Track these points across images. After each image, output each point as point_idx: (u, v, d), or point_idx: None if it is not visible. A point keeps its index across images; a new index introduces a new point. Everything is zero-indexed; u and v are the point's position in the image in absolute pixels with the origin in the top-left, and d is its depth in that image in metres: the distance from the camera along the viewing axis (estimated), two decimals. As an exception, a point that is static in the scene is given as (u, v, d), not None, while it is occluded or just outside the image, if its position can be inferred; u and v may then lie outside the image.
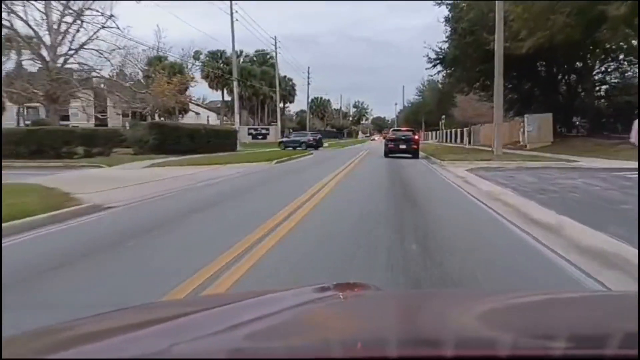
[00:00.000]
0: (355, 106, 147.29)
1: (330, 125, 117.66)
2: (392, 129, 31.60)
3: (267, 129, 56.80)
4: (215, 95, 72.07)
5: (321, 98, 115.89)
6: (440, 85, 79.42)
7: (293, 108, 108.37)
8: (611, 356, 0.76)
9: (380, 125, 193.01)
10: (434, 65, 36.09)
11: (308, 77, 74.45)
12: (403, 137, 25.84)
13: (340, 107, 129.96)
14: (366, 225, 6.47)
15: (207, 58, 52.37)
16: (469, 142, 45.30)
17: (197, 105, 68.41)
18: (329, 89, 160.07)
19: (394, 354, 0.77)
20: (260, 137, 54.10)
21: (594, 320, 1.06)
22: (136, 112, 51.51)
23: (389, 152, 25.15)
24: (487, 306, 1.23)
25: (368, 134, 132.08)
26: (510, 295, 1.51)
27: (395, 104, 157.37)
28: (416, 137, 26.52)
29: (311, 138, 42.12)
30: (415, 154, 24.80)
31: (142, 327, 1.06)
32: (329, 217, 7.39)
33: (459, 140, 53.39)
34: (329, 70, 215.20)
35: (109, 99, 38.07)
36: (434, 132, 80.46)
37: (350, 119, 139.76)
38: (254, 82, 55.87)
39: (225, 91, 59.02)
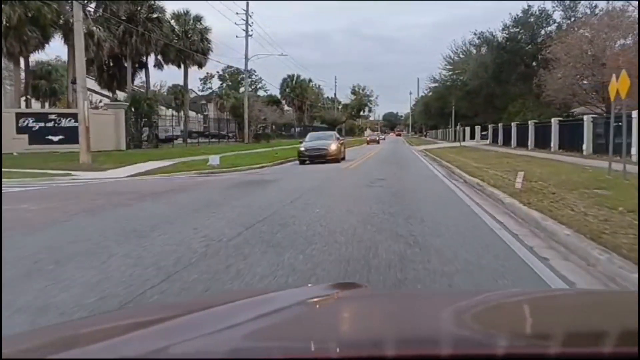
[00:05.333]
0: (354, 92, 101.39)
1: (320, 119, 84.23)
2: None
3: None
4: None
5: (298, 77, 75.37)
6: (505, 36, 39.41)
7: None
8: (610, 354, 0.73)
9: (392, 122, 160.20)
10: None
11: (247, 20, 42.27)
12: None
13: (335, 93, 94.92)
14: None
15: None
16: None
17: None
18: (337, 86, 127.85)
19: (390, 353, 0.76)
20: (52, 135, 23.17)
21: (592, 319, 1.05)
22: None
23: None
24: (484, 305, 1.20)
25: (378, 131, 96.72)
26: (507, 294, 1.50)
27: (410, 93, 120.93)
28: None
29: None
30: None
31: (142, 327, 1.06)
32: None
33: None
34: (338, 68, 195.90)
35: None
36: (467, 128, 47.39)
37: (350, 110, 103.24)
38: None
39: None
